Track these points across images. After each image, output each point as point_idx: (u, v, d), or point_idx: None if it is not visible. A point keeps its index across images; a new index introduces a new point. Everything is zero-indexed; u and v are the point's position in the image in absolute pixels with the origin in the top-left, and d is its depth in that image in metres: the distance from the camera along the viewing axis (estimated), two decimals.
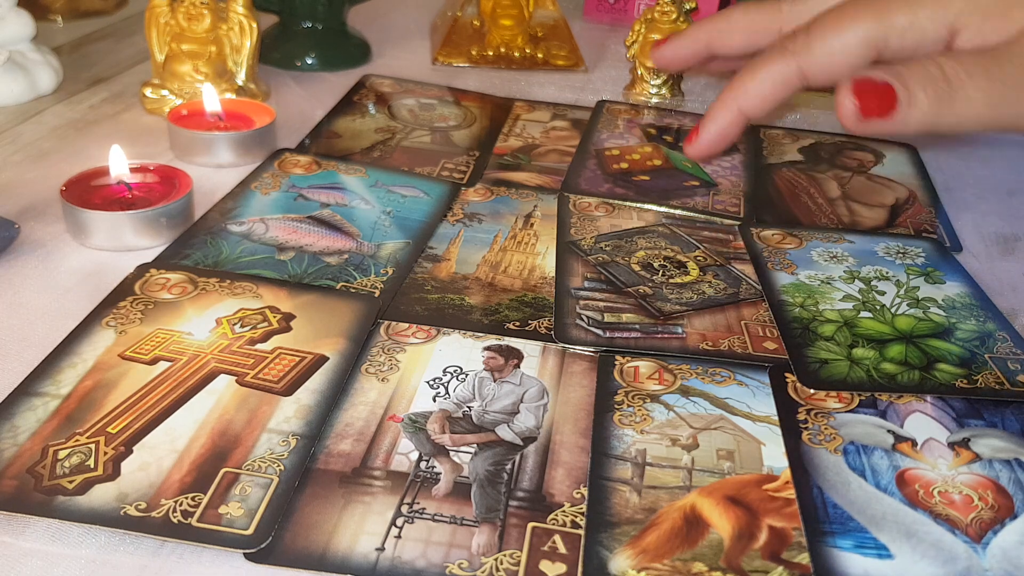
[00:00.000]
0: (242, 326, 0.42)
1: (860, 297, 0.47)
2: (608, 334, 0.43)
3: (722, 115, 0.49)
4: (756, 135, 0.67)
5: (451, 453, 0.36)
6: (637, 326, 0.44)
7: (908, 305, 0.47)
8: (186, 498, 0.32)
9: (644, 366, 0.41)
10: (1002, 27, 0.42)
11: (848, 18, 0.44)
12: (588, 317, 0.44)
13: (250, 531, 0.31)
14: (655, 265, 0.49)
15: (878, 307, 0.46)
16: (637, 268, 0.49)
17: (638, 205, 0.56)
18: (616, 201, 0.56)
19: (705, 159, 0.54)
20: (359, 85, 0.72)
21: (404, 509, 0.33)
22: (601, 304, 0.46)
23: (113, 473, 0.33)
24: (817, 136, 0.67)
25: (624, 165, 0.61)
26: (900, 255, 0.51)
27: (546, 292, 0.47)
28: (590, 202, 0.56)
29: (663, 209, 0.56)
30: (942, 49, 0.44)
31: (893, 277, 0.49)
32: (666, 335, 0.44)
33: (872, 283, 0.48)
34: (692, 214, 0.55)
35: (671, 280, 0.48)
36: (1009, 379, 0.41)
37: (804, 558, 0.32)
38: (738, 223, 0.55)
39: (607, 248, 0.51)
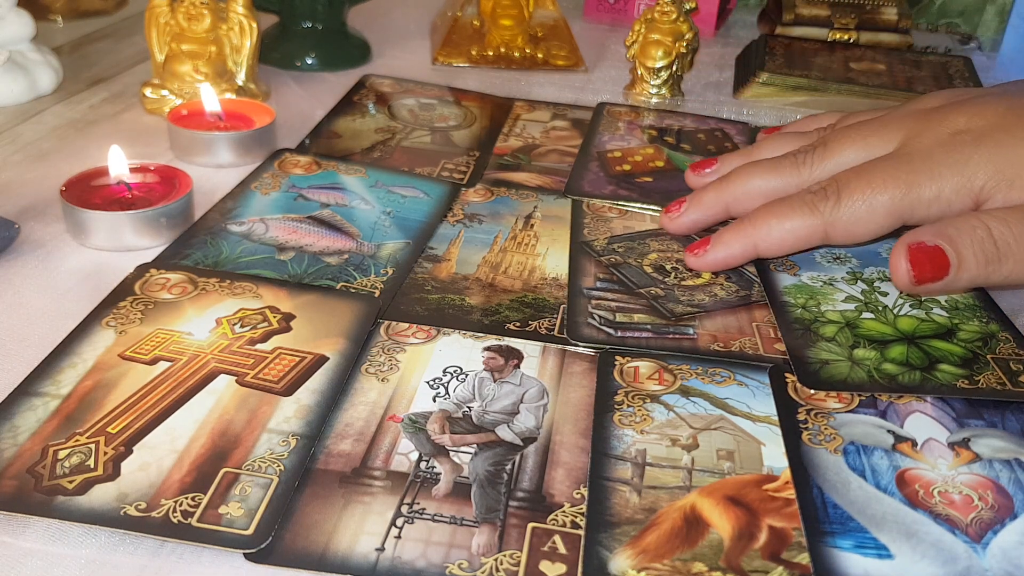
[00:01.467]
0: (242, 326, 0.42)
1: (862, 298, 0.47)
2: (620, 333, 0.43)
3: (737, 245, 0.48)
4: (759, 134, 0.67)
5: (451, 453, 0.36)
6: (649, 326, 0.44)
7: (911, 306, 0.47)
8: (186, 498, 0.32)
9: (644, 366, 0.41)
10: None
11: (878, 187, 0.45)
12: (600, 316, 0.45)
13: (250, 531, 0.31)
14: (667, 267, 0.49)
15: (880, 308, 0.46)
16: (649, 270, 0.49)
17: (639, 207, 0.56)
18: (620, 203, 0.56)
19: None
20: (359, 85, 0.72)
21: (404, 509, 0.33)
22: (613, 304, 0.46)
23: (113, 473, 0.33)
24: None
25: (627, 167, 0.61)
26: None
27: (546, 293, 0.47)
28: (604, 203, 0.56)
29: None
30: (970, 211, 0.44)
31: None
32: (678, 336, 0.44)
33: (875, 284, 0.48)
34: None
35: (683, 282, 0.48)
36: (1011, 380, 0.41)
37: (804, 558, 0.32)
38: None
39: (619, 249, 0.51)
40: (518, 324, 0.44)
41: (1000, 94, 0.48)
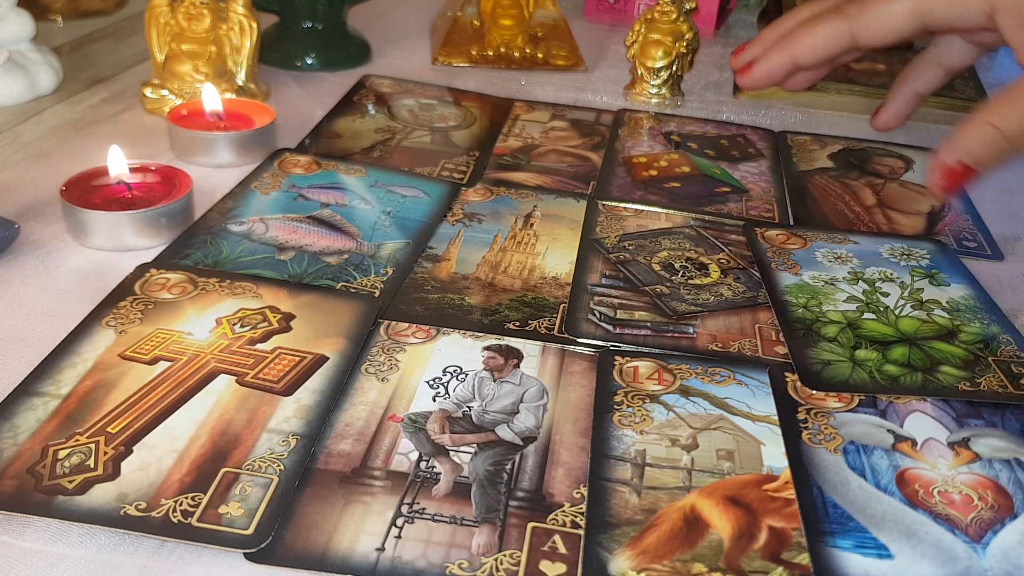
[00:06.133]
0: (242, 326, 0.42)
1: (864, 299, 0.47)
2: (618, 330, 0.43)
3: (776, 58, 0.56)
4: (784, 142, 0.67)
5: (451, 453, 0.36)
6: (648, 324, 0.44)
7: (912, 307, 0.47)
8: (186, 498, 0.32)
9: (644, 366, 0.41)
10: None
11: None
12: (600, 312, 0.45)
13: (250, 531, 0.31)
14: (676, 266, 0.49)
15: (882, 308, 0.46)
16: (657, 268, 0.49)
17: (672, 212, 0.56)
18: (652, 208, 0.56)
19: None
20: (359, 85, 0.72)
21: (404, 509, 0.33)
22: (616, 301, 0.46)
23: (113, 473, 0.33)
24: (844, 142, 0.67)
25: (653, 172, 0.61)
26: (904, 256, 0.51)
27: (546, 292, 0.47)
28: (620, 204, 0.56)
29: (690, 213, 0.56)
30: (984, 23, 0.49)
31: (897, 279, 0.49)
32: (676, 334, 0.44)
33: (876, 284, 0.48)
34: (715, 218, 0.55)
35: (690, 281, 0.48)
36: (1012, 382, 0.41)
37: (804, 558, 0.32)
38: (742, 223, 0.55)
39: (630, 247, 0.51)
40: (518, 323, 0.44)
41: None
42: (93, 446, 0.34)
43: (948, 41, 0.59)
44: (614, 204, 0.56)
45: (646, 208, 0.56)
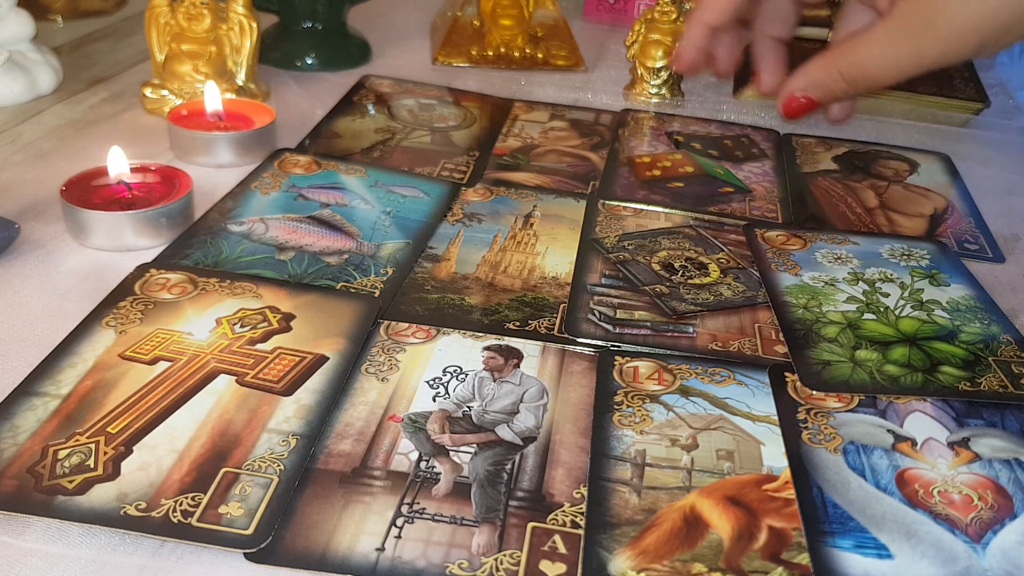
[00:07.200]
0: (242, 326, 0.42)
1: (864, 299, 0.47)
2: (618, 330, 0.43)
3: (691, 32, 0.54)
4: (789, 143, 0.67)
5: (451, 453, 0.36)
6: (648, 324, 0.44)
7: (912, 307, 0.47)
8: (186, 498, 0.32)
9: (644, 366, 0.41)
10: None
11: None
12: (600, 312, 0.45)
13: (250, 531, 0.31)
14: (676, 265, 0.49)
15: (882, 309, 0.46)
16: (657, 268, 0.49)
17: (674, 211, 0.56)
18: (654, 208, 0.56)
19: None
20: (359, 85, 0.72)
21: (404, 509, 0.33)
22: (615, 301, 0.46)
23: (113, 473, 0.33)
24: (850, 145, 0.67)
25: (656, 172, 0.61)
26: (904, 257, 0.51)
27: (546, 292, 0.47)
28: (620, 204, 0.56)
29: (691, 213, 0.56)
30: None
31: (897, 279, 0.49)
32: (676, 334, 0.44)
33: (876, 285, 0.48)
34: (717, 218, 0.55)
35: (690, 281, 0.48)
36: (1012, 382, 0.41)
37: (804, 558, 0.32)
38: (743, 223, 0.55)
39: (630, 247, 0.51)
40: (518, 323, 0.44)
41: None
42: (93, 446, 0.34)
43: None
44: (614, 204, 0.56)
45: (648, 208, 0.56)
